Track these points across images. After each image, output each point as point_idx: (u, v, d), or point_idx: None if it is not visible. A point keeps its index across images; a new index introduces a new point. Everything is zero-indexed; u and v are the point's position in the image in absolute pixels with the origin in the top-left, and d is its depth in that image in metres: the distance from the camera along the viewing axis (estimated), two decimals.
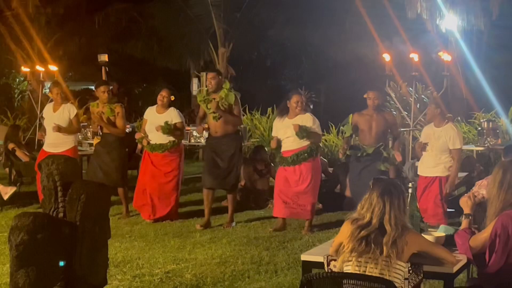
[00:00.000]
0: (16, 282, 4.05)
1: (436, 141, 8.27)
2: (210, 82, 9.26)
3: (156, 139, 9.70)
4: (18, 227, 4.06)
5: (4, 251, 7.60)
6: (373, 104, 8.77)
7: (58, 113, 10.09)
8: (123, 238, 8.59)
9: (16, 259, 4.05)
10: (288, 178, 8.95)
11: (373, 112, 8.81)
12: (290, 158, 8.88)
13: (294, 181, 8.91)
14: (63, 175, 4.47)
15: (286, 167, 8.95)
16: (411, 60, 13.55)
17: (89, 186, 4.44)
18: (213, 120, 9.19)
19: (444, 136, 8.26)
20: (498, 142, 12.75)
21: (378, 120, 8.77)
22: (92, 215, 4.33)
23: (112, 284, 6.48)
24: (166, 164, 9.74)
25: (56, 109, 10.14)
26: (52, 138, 10.09)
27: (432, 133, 8.37)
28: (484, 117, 15.29)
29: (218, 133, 9.25)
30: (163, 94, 9.78)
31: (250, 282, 6.65)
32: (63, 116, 10.05)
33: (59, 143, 10.02)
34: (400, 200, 4.27)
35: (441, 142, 8.25)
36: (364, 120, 8.82)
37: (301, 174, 8.87)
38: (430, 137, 8.37)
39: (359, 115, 8.91)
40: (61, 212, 4.38)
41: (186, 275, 6.88)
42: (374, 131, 8.77)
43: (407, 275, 4.14)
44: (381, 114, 8.84)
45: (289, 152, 8.92)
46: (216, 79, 9.23)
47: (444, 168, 8.29)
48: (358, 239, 4.19)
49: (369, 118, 8.80)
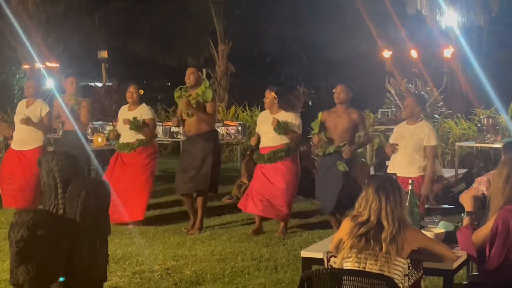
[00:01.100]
0: (16, 278, 4.05)
1: (410, 138, 7.79)
2: (188, 77, 8.92)
3: (124, 138, 9.42)
4: (18, 223, 4.06)
5: (4, 247, 7.61)
6: (338, 97, 8.48)
7: (30, 109, 9.91)
8: (123, 234, 8.60)
9: (16, 255, 4.05)
10: (264, 177, 8.72)
11: (339, 110, 8.51)
12: (266, 156, 8.68)
13: (270, 180, 8.66)
14: (63, 171, 4.46)
15: (262, 164, 8.76)
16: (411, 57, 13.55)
17: (89, 183, 4.44)
18: (186, 117, 8.94)
19: (418, 133, 7.76)
20: (498, 138, 12.74)
21: (343, 118, 8.46)
22: (92, 211, 4.33)
23: (112, 280, 6.49)
24: (133, 165, 9.35)
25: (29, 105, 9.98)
26: (20, 134, 9.92)
27: (405, 131, 7.87)
28: (484, 114, 15.29)
29: (191, 132, 8.94)
30: (130, 90, 9.48)
31: (250, 279, 6.66)
32: (35, 112, 9.87)
33: (27, 140, 9.84)
34: (396, 195, 4.25)
35: (416, 140, 7.76)
36: (331, 118, 8.55)
37: (278, 173, 8.64)
38: (403, 135, 7.87)
39: (327, 113, 8.62)
40: (61, 208, 4.38)
41: (186, 271, 6.88)
42: (339, 129, 8.47)
43: (407, 271, 4.15)
44: (346, 112, 8.49)
45: (267, 149, 8.72)
46: (195, 75, 8.90)
47: (418, 168, 7.73)
48: (358, 235, 4.19)
49: (335, 116, 8.52)
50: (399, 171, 7.56)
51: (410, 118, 7.86)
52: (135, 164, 9.34)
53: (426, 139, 7.72)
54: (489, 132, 12.70)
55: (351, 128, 8.48)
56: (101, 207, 4.47)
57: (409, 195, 4.81)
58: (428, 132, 7.76)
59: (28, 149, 9.79)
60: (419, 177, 7.64)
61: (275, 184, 8.63)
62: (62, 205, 4.39)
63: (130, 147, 9.35)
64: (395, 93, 15.48)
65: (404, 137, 7.81)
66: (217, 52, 22.62)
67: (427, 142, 7.73)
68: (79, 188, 4.33)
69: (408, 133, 7.79)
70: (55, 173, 4.45)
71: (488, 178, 6.26)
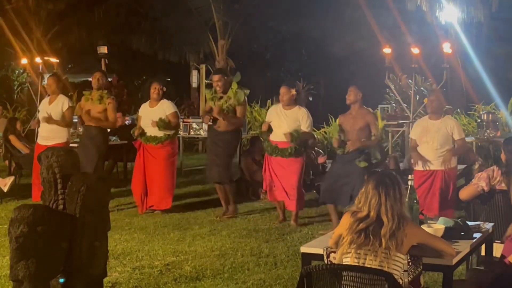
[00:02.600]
0: (16, 274, 4.05)
1: (436, 133, 8.11)
2: (217, 85, 9.35)
3: (151, 132, 9.76)
4: (18, 219, 4.06)
5: (4, 243, 7.61)
6: (348, 99, 8.58)
7: (52, 105, 10.09)
8: (122, 230, 8.60)
9: (16, 251, 4.05)
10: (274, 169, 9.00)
11: (353, 111, 8.59)
12: (278, 150, 8.91)
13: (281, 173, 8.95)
14: (63, 167, 4.46)
15: (274, 157, 8.99)
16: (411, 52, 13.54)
17: (88, 179, 4.44)
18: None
19: (444, 128, 8.11)
20: (498, 134, 12.75)
21: (357, 118, 8.54)
22: (91, 207, 4.33)
23: (112, 276, 6.49)
24: (159, 156, 9.77)
25: (51, 102, 10.15)
26: (44, 130, 10.09)
27: (430, 126, 8.18)
28: (483, 109, 15.30)
29: (220, 128, 9.36)
30: (155, 86, 9.85)
31: (249, 274, 6.66)
32: (56, 108, 10.03)
33: (51, 136, 9.97)
34: (395, 190, 4.25)
35: (442, 134, 8.09)
36: (346, 121, 8.66)
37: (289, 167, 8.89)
38: (428, 130, 8.17)
39: (343, 116, 8.74)
40: (61, 204, 4.38)
41: (186, 267, 6.89)
42: (355, 129, 8.54)
43: (407, 267, 4.15)
44: (359, 112, 8.56)
45: (278, 143, 8.94)
46: (222, 81, 9.34)
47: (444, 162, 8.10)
48: (357, 231, 4.19)
49: (350, 117, 8.62)
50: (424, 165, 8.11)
51: (435, 113, 8.19)
52: (161, 156, 9.79)
53: (455, 134, 8.12)
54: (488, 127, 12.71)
55: (365, 127, 8.54)
56: (101, 203, 4.47)
57: (408, 190, 4.81)
58: (454, 126, 8.17)
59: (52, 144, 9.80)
60: (446, 170, 8.09)
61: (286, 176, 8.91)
62: (62, 200, 4.39)
63: (158, 140, 9.75)
64: (395, 89, 15.48)
65: (429, 132, 8.14)
66: (217, 48, 22.58)
67: (457, 136, 8.13)
68: (79, 184, 4.33)
69: (433, 128, 8.12)
70: (55, 169, 4.45)
71: (488, 174, 6.26)
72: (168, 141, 9.77)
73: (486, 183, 6.25)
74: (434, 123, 8.18)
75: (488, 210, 6.20)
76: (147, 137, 9.78)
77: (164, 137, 9.73)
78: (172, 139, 9.88)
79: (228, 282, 6.41)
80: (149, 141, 9.77)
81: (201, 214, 9.69)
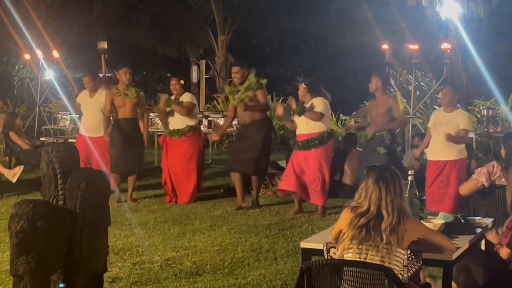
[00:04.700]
0: (16, 269, 4.05)
1: (446, 126, 8.29)
2: (235, 76, 9.60)
3: (174, 125, 10.10)
4: (18, 214, 4.07)
5: (4, 238, 7.62)
6: (370, 87, 9.04)
7: (94, 98, 10.52)
8: (123, 225, 8.61)
9: (16, 246, 4.05)
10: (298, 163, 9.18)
11: (377, 98, 9.05)
12: (301, 143, 9.13)
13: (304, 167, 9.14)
14: (63, 162, 4.46)
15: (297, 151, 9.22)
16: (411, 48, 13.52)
17: (89, 174, 4.44)
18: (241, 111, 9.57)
19: (455, 121, 8.30)
20: (498, 129, 12.74)
21: (379, 104, 9.00)
22: (92, 202, 4.33)
23: (112, 271, 6.50)
24: (183, 149, 10.06)
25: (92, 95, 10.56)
26: (88, 122, 10.49)
27: (442, 118, 8.42)
28: (483, 105, 15.27)
29: (246, 122, 9.62)
30: (172, 83, 10.27)
31: (249, 270, 6.66)
32: (100, 99, 10.41)
33: (94, 127, 10.37)
34: (396, 185, 4.25)
35: (452, 127, 8.26)
36: (372, 106, 9.21)
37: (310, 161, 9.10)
38: (440, 122, 8.41)
39: (369, 103, 9.42)
40: (61, 199, 4.38)
41: (186, 262, 6.89)
42: (377, 114, 9.03)
43: (406, 262, 4.15)
44: (382, 98, 9.02)
45: (301, 136, 9.16)
46: (240, 73, 9.56)
47: (456, 151, 8.30)
48: (358, 227, 4.19)
49: (374, 104, 9.13)
50: (437, 156, 8.36)
51: (448, 106, 8.42)
52: (183, 149, 10.09)
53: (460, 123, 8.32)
54: (489, 123, 12.70)
55: (385, 112, 8.94)
56: (101, 198, 4.47)
57: (409, 185, 4.82)
58: (462, 118, 8.39)
59: (98, 135, 10.33)
60: (457, 160, 8.30)
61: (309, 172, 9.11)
62: (62, 196, 4.39)
63: (181, 132, 10.05)
64: (395, 84, 15.46)
65: (441, 124, 8.37)
66: (216, 43, 22.57)
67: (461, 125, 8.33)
68: (79, 179, 4.33)
69: (445, 121, 8.36)
70: (55, 164, 4.45)
71: (487, 169, 6.27)
72: (191, 134, 10.05)
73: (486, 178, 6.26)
74: (446, 116, 8.40)
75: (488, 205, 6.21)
76: (170, 131, 10.13)
77: (187, 129, 10.04)
78: (195, 132, 10.13)
79: (228, 277, 6.41)
80: (173, 134, 10.09)
81: (201, 210, 9.70)
